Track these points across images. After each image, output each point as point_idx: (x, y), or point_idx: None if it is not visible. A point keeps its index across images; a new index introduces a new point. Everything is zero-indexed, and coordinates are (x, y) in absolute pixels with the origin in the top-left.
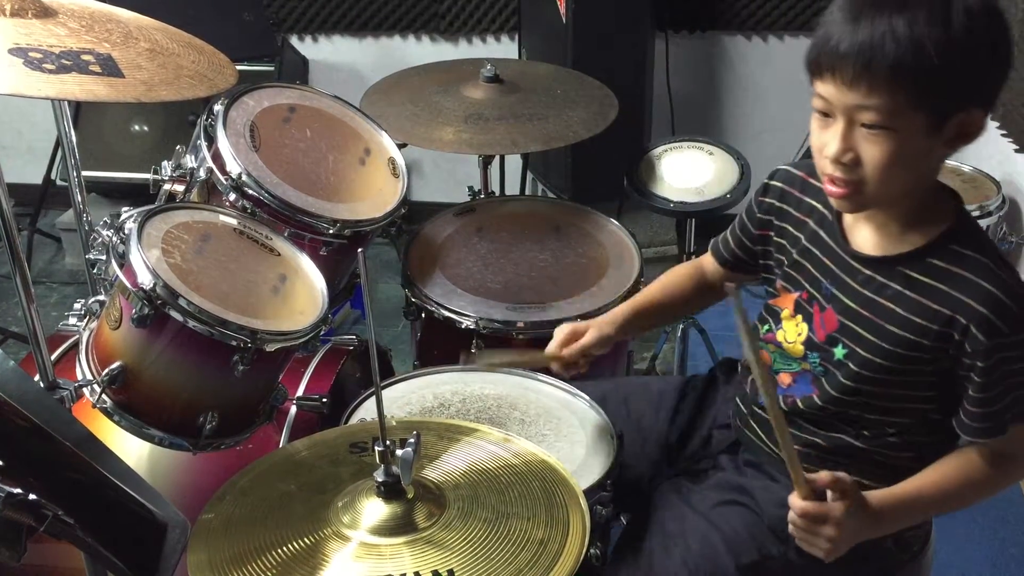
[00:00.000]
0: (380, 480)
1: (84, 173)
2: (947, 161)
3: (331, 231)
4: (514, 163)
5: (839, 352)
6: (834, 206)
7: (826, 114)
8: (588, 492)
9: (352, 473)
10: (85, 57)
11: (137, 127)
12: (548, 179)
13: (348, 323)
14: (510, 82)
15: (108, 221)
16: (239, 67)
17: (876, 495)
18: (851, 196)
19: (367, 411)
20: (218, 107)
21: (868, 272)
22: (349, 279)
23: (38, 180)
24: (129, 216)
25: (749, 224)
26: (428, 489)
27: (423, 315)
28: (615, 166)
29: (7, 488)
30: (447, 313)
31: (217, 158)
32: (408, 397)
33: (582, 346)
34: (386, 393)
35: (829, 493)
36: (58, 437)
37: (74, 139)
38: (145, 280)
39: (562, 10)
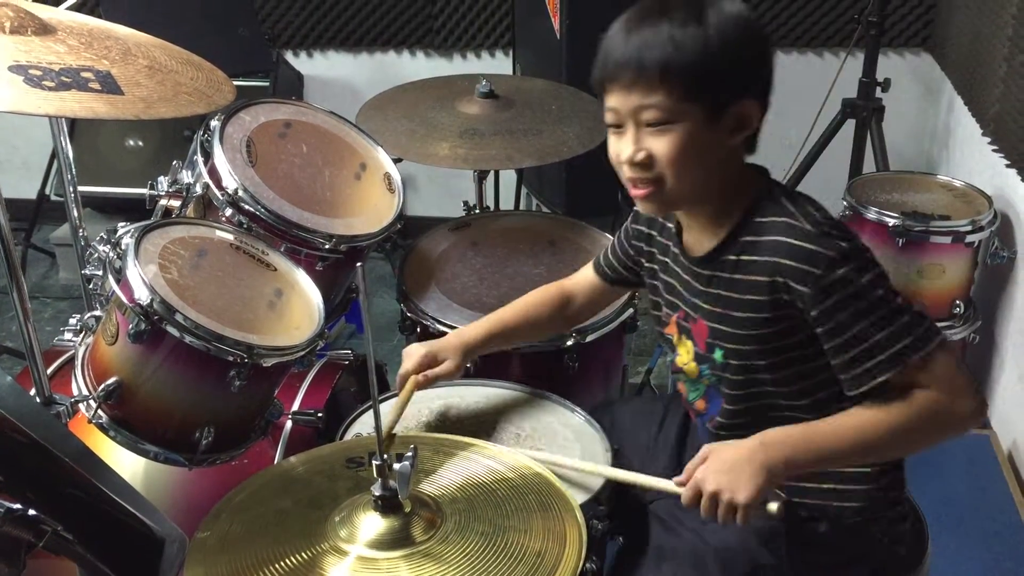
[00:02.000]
0: (377, 494)
1: (79, 188)
2: (939, 176)
3: (327, 246)
4: (509, 178)
5: (718, 356)
6: (640, 209)
7: (618, 126)
8: (584, 506)
9: (348, 488)
10: (85, 74)
11: (132, 142)
12: (543, 194)
13: (343, 338)
14: (505, 97)
15: (105, 236)
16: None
17: (776, 430)
18: (653, 195)
19: (363, 426)
20: (215, 122)
21: (705, 272)
22: (345, 294)
23: (32, 195)
24: (126, 231)
25: (626, 244)
26: (425, 503)
27: (418, 329)
28: (609, 181)
29: (6, 504)
30: (442, 328)
31: (213, 173)
32: (404, 412)
33: (436, 375)
34: (383, 407)
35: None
36: (56, 452)
37: (70, 154)
38: (142, 295)
39: (556, 25)
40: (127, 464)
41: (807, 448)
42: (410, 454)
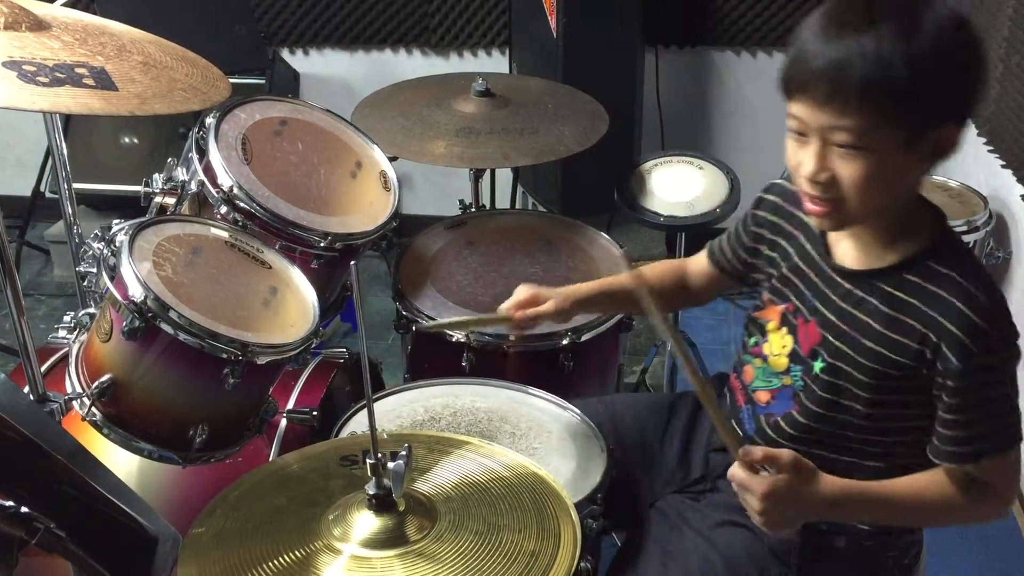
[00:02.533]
0: (371, 493)
1: (73, 185)
2: (934, 177)
3: (322, 244)
4: (504, 177)
5: (817, 366)
6: (814, 225)
7: (801, 133)
8: (578, 506)
9: (343, 486)
10: (79, 70)
11: (127, 139)
12: (538, 193)
13: (338, 336)
14: (501, 96)
15: (99, 233)
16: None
17: (839, 482)
18: (830, 215)
19: (358, 424)
20: (210, 120)
21: (848, 286)
22: (340, 292)
23: (26, 192)
24: (120, 228)
25: (743, 235)
26: (419, 502)
27: (413, 328)
28: (605, 180)
29: None
30: None
31: (209, 171)
32: (399, 410)
33: (537, 314)
34: (377, 406)
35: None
36: (49, 450)
37: (65, 151)
38: (136, 293)
39: (552, 25)
40: (121, 462)
41: (867, 515)
42: (404, 453)
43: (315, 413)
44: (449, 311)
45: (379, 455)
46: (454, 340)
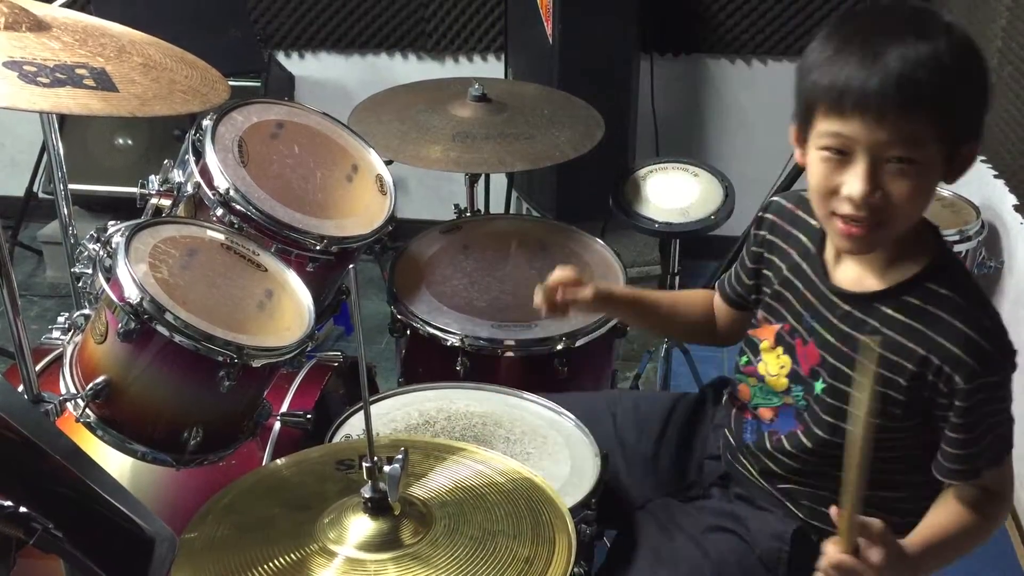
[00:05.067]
0: (367, 496)
1: (68, 186)
2: None
3: (318, 247)
4: (499, 182)
5: (819, 386)
6: (846, 248)
7: (843, 152)
8: (573, 511)
9: (338, 490)
10: (79, 71)
11: (121, 141)
12: (533, 198)
13: (331, 339)
14: (497, 101)
15: (95, 235)
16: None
17: (910, 542)
18: (867, 236)
19: (352, 427)
20: (207, 122)
21: (847, 308)
22: (335, 296)
23: (19, 192)
24: (116, 230)
25: (747, 258)
26: (415, 506)
27: (408, 332)
28: (600, 186)
29: None
30: (432, 330)
31: (205, 173)
32: (393, 414)
33: (573, 299)
34: (372, 410)
35: (862, 541)
36: (47, 450)
37: (61, 152)
38: (132, 294)
39: (548, 31)
40: (115, 463)
41: (937, 565)
42: (400, 457)
43: (309, 416)
44: (444, 315)
45: (375, 459)
46: (448, 345)
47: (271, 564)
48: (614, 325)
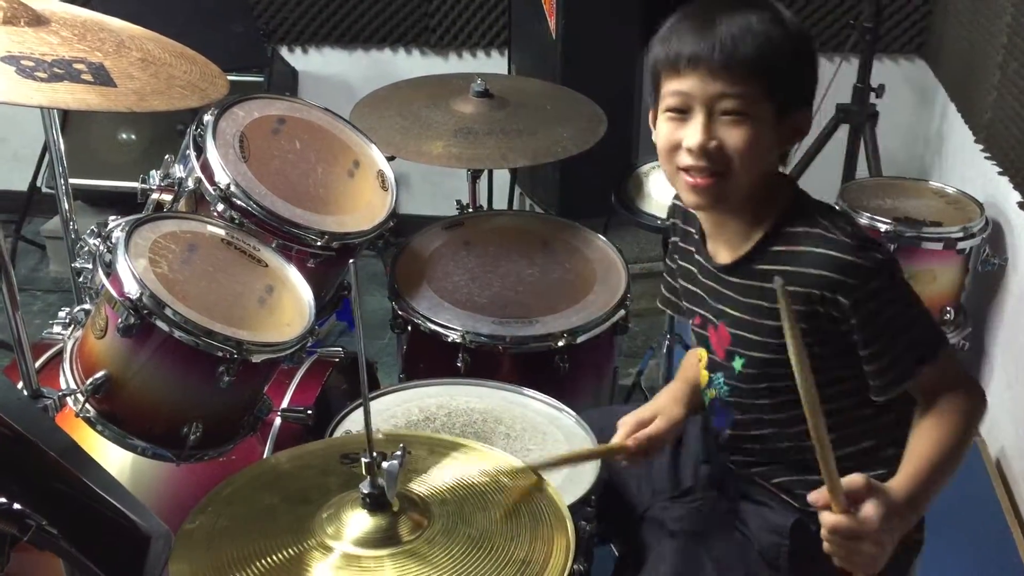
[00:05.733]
0: (366, 492)
1: (71, 181)
2: (931, 183)
3: (319, 243)
4: (502, 178)
5: (738, 364)
6: (690, 202)
7: (682, 111)
8: (572, 508)
9: (340, 484)
10: (77, 66)
11: (124, 136)
12: (536, 194)
13: (334, 335)
14: (500, 97)
15: (95, 229)
16: (228, 77)
17: (897, 483)
18: (712, 187)
19: (352, 423)
20: (208, 117)
21: (732, 279)
22: (336, 291)
23: (22, 187)
24: (116, 225)
25: (669, 264)
26: (414, 503)
27: (409, 328)
28: (603, 182)
29: None
30: (433, 327)
31: (206, 168)
32: (393, 410)
33: (649, 435)
34: (372, 405)
35: (850, 500)
36: (42, 446)
37: (62, 147)
38: (132, 289)
39: (552, 26)
40: (115, 459)
41: (933, 492)
42: (399, 453)
43: (310, 412)
44: (445, 311)
45: (374, 454)
46: (449, 341)
47: (269, 559)
48: (615, 322)
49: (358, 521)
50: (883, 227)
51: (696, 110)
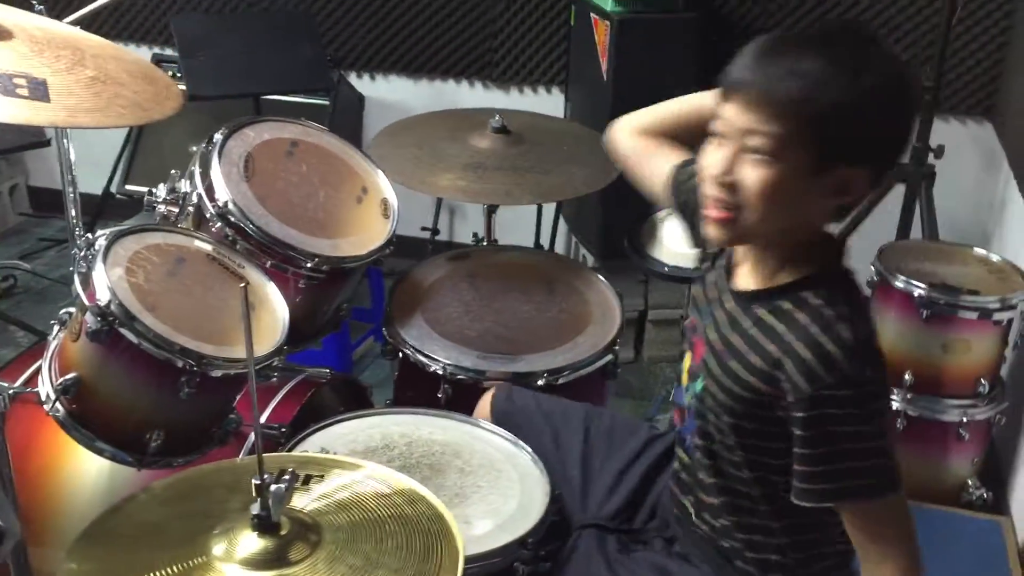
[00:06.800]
0: (255, 513)
1: (138, 188)
2: (976, 250)
3: (308, 265)
4: (549, 213)
5: (698, 385)
6: (711, 233)
7: (722, 137)
8: (506, 548)
9: (241, 504)
10: (17, 80)
11: (195, 147)
12: (580, 232)
13: (371, 356)
14: (516, 134)
15: (89, 237)
16: (294, 99)
17: None
18: (726, 223)
19: (328, 440)
20: (218, 136)
21: (731, 306)
22: (334, 313)
23: (99, 191)
24: (102, 234)
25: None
26: (308, 526)
27: (399, 355)
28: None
29: None
30: (420, 356)
31: (208, 185)
32: (357, 435)
33: None
34: (336, 429)
35: None
36: None
37: (72, 153)
38: (102, 296)
39: (604, 67)
40: (92, 461)
41: None
42: (287, 477)
43: (284, 430)
44: (433, 342)
45: (265, 476)
46: (431, 371)
47: (154, 574)
48: (603, 365)
49: (247, 542)
50: (917, 292)
51: (728, 140)
